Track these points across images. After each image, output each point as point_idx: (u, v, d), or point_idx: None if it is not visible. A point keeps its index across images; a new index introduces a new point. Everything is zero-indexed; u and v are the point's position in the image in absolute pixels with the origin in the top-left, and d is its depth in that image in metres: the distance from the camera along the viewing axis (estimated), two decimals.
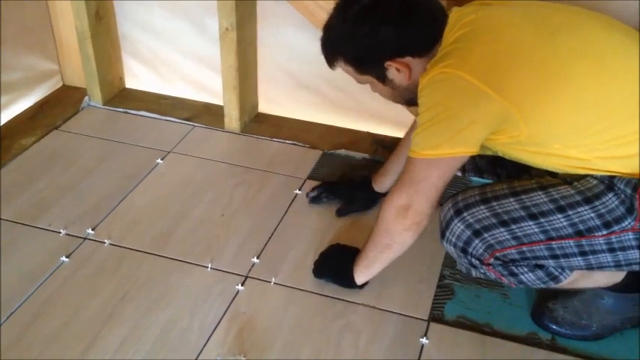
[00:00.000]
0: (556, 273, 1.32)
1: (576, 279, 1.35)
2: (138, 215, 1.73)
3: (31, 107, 2.18)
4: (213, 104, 2.21)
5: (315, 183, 1.86)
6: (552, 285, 1.35)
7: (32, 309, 1.44)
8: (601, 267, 1.26)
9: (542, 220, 1.23)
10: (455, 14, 1.27)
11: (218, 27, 1.92)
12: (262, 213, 1.75)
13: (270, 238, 1.66)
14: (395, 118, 2.04)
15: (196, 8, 2.07)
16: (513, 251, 1.27)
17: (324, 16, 1.84)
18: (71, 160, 1.93)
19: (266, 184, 1.86)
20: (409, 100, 1.34)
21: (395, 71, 1.29)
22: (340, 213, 1.73)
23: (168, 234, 1.66)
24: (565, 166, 1.25)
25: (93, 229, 1.66)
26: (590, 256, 1.23)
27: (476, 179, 1.86)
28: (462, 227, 1.28)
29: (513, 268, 1.31)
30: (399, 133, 2.06)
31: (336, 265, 1.51)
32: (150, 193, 1.82)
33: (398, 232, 1.32)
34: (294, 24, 1.97)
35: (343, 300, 1.48)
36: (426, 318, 1.44)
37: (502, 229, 1.25)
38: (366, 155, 1.99)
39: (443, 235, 1.32)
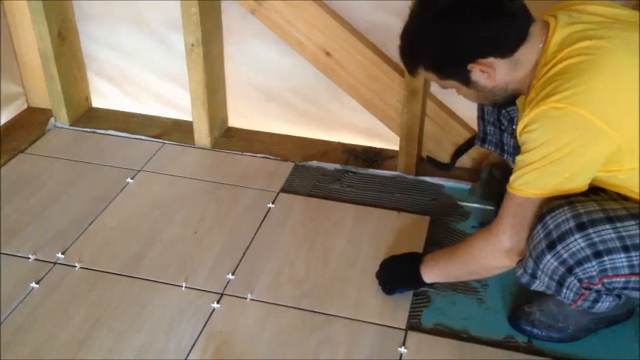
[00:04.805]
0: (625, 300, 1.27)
1: None
2: (109, 237, 1.70)
3: None
4: (182, 120, 2.20)
5: (288, 196, 1.85)
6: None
7: (3, 338, 1.40)
8: None
9: None
10: (555, 24, 1.19)
11: (184, 43, 1.91)
12: (236, 228, 1.73)
13: (244, 253, 1.65)
14: (365, 127, 2.05)
15: (161, 25, 2.06)
16: (621, 280, 1.17)
17: (290, 29, 1.87)
18: (38, 184, 1.90)
19: (238, 199, 1.85)
20: (494, 102, 1.32)
21: (479, 73, 1.22)
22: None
23: (140, 254, 1.64)
24: None
25: (63, 253, 1.63)
26: None
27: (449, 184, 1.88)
28: (582, 244, 1.15)
29: (603, 295, 1.24)
30: (370, 142, 2.07)
31: (404, 273, 1.48)
32: (120, 213, 1.79)
33: (497, 268, 1.33)
34: (261, 38, 1.97)
35: (320, 313, 1.47)
36: (404, 327, 1.44)
37: (622, 255, 1.14)
38: (338, 165, 1.99)
39: (552, 247, 1.17)
